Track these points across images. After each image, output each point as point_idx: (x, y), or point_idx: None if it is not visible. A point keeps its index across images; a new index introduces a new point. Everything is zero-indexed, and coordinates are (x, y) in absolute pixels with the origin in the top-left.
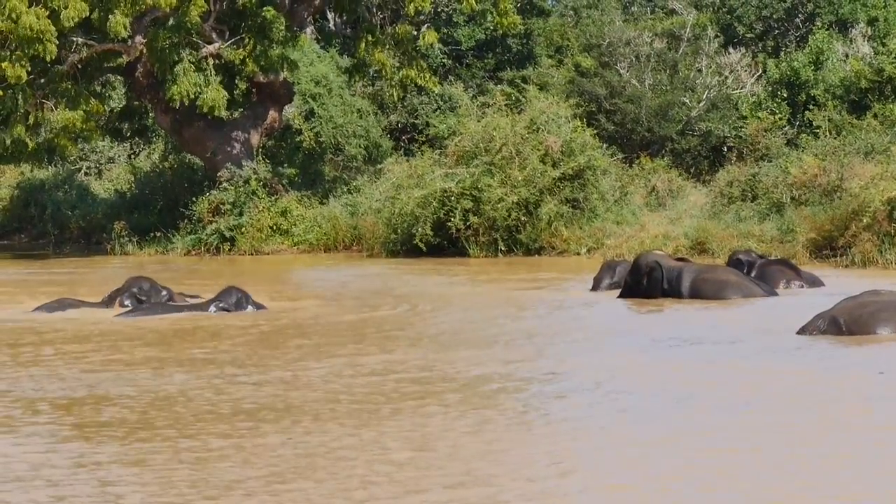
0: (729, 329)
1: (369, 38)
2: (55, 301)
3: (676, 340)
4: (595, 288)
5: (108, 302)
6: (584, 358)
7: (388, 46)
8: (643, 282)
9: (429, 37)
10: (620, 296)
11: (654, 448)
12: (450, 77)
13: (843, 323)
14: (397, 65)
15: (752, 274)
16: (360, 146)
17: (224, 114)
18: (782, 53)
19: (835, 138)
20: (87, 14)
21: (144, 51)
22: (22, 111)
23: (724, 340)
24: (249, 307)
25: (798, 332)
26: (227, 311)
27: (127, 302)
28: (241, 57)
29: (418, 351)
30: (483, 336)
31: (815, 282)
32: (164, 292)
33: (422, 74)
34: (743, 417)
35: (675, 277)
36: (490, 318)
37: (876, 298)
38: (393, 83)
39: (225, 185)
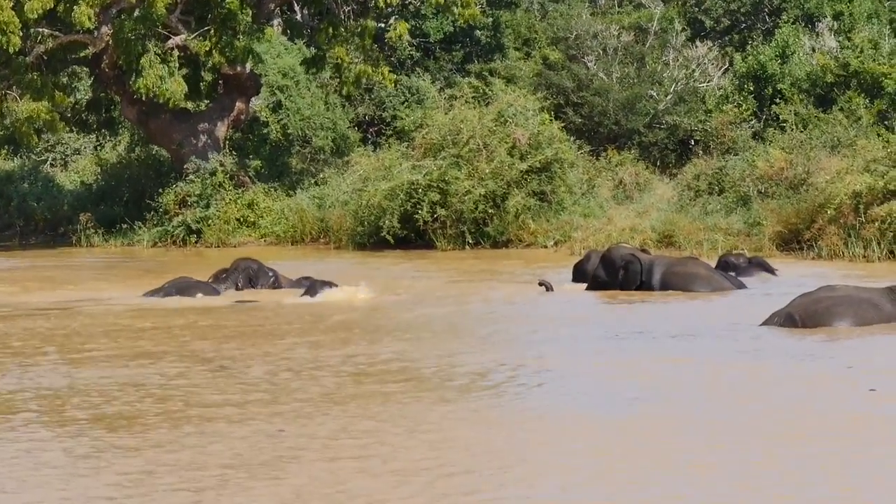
0: (693, 322)
1: (331, 30)
2: (173, 282)
3: (639, 333)
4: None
5: (217, 283)
6: (547, 351)
7: (349, 40)
8: (619, 275)
9: (400, 28)
10: (588, 288)
11: (605, 442)
12: (417, 69)
13: (799, 318)
14: (357, 59)
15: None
16: (327, 138)
17: (189, 105)
18: (749, 47)
19: (801, 132)
20: (52, 5)
21: (110, 42)
22: None
23: (687, 333)
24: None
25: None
26: None
27: (240, 283)
28: (207, 48)
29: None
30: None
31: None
32: (271, 273)
33: (378, 71)
34: (710, 412)
35: (647, 270)
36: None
37: (830, 294)
38: (348, 78)
39: (191, 177)
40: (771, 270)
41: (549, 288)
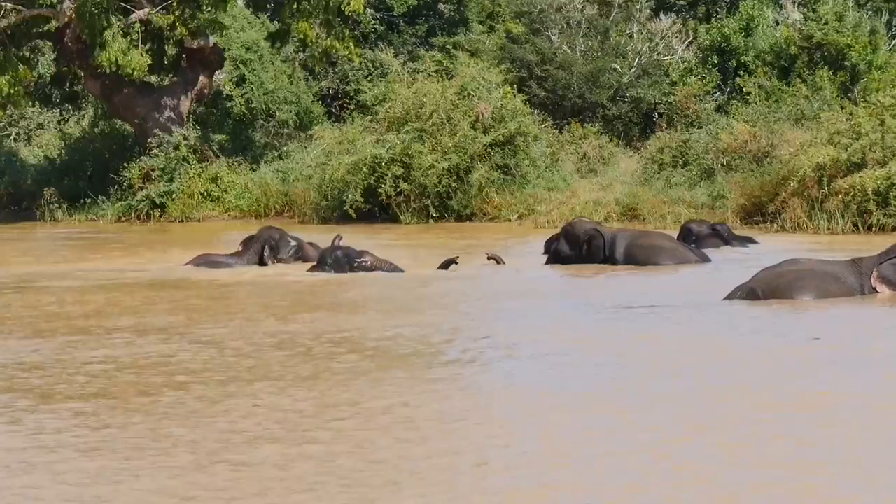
0: (655, 295)
1: (295, 5)
2: (199, 257)
3: (602, 307)
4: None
5: (245, 252)
6: (510, 324)
7: (314, 14)
8: (582, 249)
9: (354, 4)
10: (548, 262)
11: (569, 414)
12: (381, 43)
13: (762, 292)
14: (322, 34)
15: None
16: (290, 112)
17: (152, 79)
18: (713, 20)
19: (765, 104)
20: None
21: (73, 16)
22: None
23: (653, 306)
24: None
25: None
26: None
27: (266, 253)
28: (171, 21)
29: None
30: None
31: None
32: (294, 243)
33: (346, 45)
34: (672, 388)
35: (610, 244)
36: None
37: (794, 267)
38: (316, 53)
39: (155, 151)
40: (728, 242)
41: (499, 261)
